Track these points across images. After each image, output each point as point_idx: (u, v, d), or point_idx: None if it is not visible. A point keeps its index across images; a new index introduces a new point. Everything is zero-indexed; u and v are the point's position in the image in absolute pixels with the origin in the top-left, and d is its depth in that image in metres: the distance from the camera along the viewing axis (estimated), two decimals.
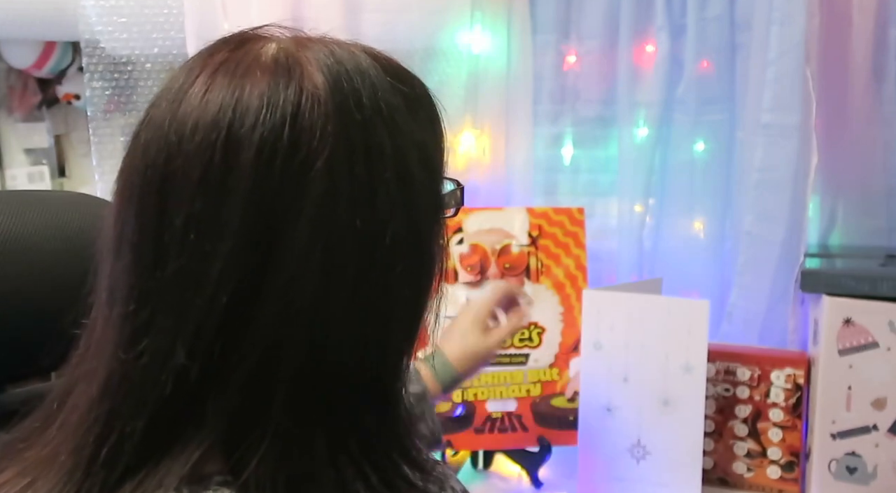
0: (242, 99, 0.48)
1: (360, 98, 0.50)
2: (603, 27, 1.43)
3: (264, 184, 0.48)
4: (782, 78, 1.28)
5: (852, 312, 1.12)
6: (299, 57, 0.51)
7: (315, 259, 0.48)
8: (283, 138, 0.48)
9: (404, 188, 0.51)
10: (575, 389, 1.26)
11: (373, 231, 0.49)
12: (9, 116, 1.51)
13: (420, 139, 0.53)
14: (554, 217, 1.28)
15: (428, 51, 1.38)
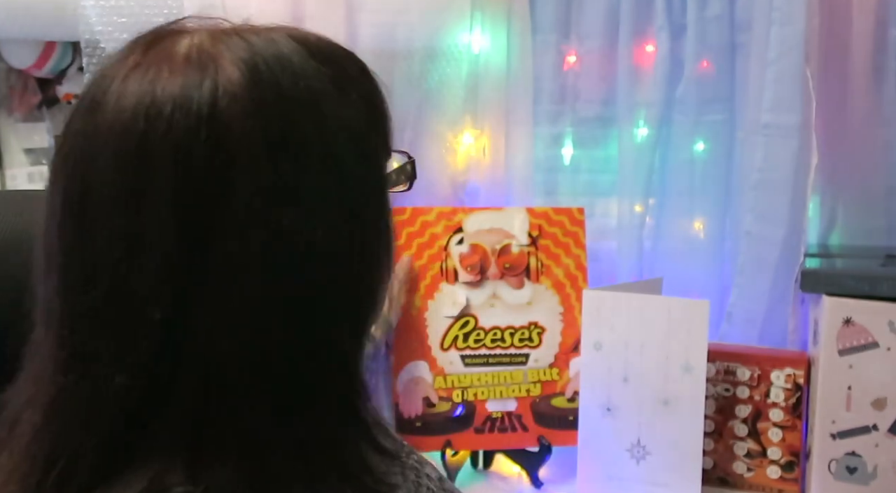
0: (154, 104, 0.46)
1: (279, 89, 0.48)
2: (603, 27, 1.43)
3: (186, 191, 0.45)
4: (782, 78, 1.28)
5: (852, 312, 1.12)
6: (213, 52, 0.49)
7: (248, 262, 0.46)
8: (201, 140, 0.45)
9: (334, 176, 0.49)
10: (575, 389, 1.26)
11: (305, 225, 0.47)
12: (9, 116, 1.51)
13: (350, 122, 0.51)
14: (554, 217, 1.27)
15: (428, 51, 1.38)
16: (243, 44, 0.50)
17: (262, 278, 0.46)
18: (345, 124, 0.50)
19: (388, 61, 1.38)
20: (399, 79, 1.38)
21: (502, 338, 1.24)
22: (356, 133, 0.51)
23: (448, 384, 1.23)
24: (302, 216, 0.47)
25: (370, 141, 0.53)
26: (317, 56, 0.52)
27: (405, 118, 1.38)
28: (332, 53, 0.54)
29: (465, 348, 1.23)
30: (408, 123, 1.38)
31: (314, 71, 0.50)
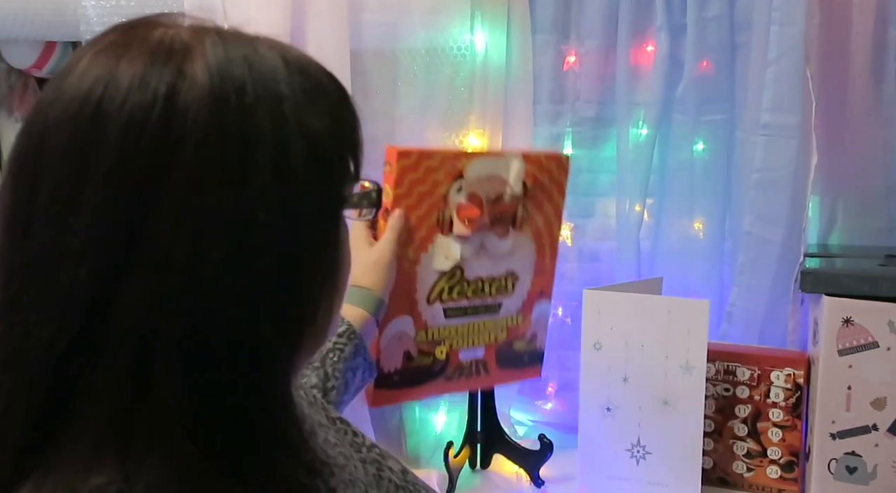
0: (116, 75, 0.48)
1: (243, 85, 0.49)
2: (603, 27, 1.43)
3: (129, 162, 0.46)
4: (782, 78, 1.28)
5: (852, 312, 1.12)
6: (188, 42, 0.50)
7: (180, 242, 0.46)
8: (153, 118, 0.46)
9: (282, 178, 0.49)
10: (533, 331, 1.25)
11: (242, 218, 0.47)
12: (9, 116, 1.51)
13: (312, 131, 0.50)
14: (544, 163, 1.19)
15: (428, 51, 1.38)
16: (220, 41, 0.51)
17: (190, 264, 0.47)
18: (306, 132, 0.50)
19: (390, 61, 1.38)
20: (400, 79, 1.38)
21: (482, 288, 1.18)
22: (316, 142, 0.51)
23: (429, 338, 1.15)
24: (242, 210, 0.47)
25: (330, 154, 0.52)
26: (292, 65, 0.52)
27: (406, 118, 1.38)
28: (310, 67, 0.54)
29: (449, 301, 1.15)
30: (408, 123, 1.38)
31: (285, 77, 0.51)
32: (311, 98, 0.51)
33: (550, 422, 1.51)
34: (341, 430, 0.71)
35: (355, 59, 1.33)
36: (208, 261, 0.47)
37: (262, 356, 0.49)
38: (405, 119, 1.38)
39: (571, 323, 1.50)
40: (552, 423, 1.50)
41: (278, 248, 0.49)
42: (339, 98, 0.55)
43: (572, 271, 1.51)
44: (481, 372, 1.22)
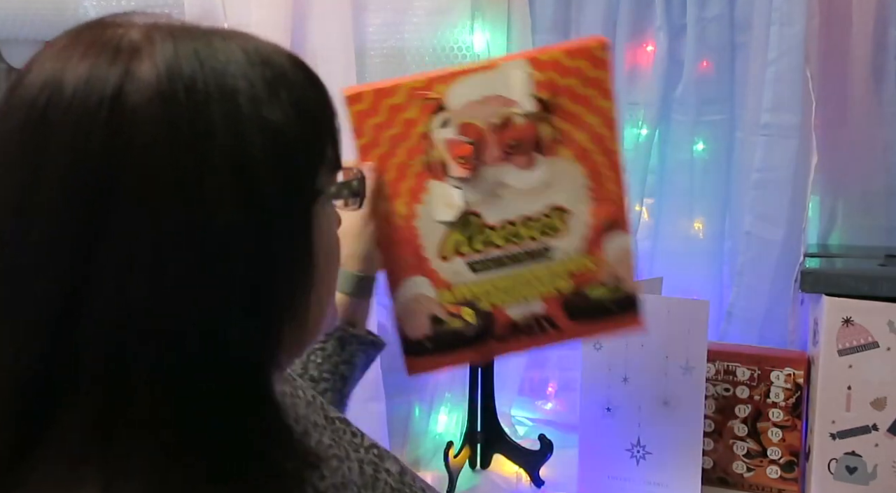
0: (62, 79, 0.46)
1: (193, 81, 0.47)
2: (602, 27, 1.43)
3: (79, 168, 0.45)
4: (782, 78, 1.29)
5: (852, 312, 1.12)
6: (137, 41, 0.48)
7: (141, 248, 0.45)
8: (100, 120, 0.45)
9: (241, 175, 0.47)
10: (617, 273, 0.98)
11: (201, 219, 0.46)
12: None
13: (272, 124, 0.49)
14: (568, 63, 0.94)
15: (429, 51, 1.38)
16: (170, 37, 0.49)
17: (153, 270, 0.46)
18: (265, 125, 0.48)
19: (392, 61, 1.38)
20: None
21: (517, 233, 0.97)
22: (277, 135, 0.49)
23: (458, 297, 0.98)
24: (200, 210, 0.46)
25: (295, 146, 0.50)
26: (253, 57, 0.50)
27: None
28: (273, 57, 0.52)
29: (472, 253, 0.97)
30: None
31: (242, 69, 0.49)
32: (272, 89, 0.50)
33: (550, 422, 1.51)
34: (339, 430, 0.70)
35: (357, 59, 1.34)
36: (172, 265, 0.46)
37: (239, 357, 0.48)
38: None
39: None
40: (552, 423, 1.50)
41: (243, 246, 0.47)
42: (307, 85, 0.53)
43: None
44: (547, 328, 1.00)
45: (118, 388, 0.46)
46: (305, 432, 0.64)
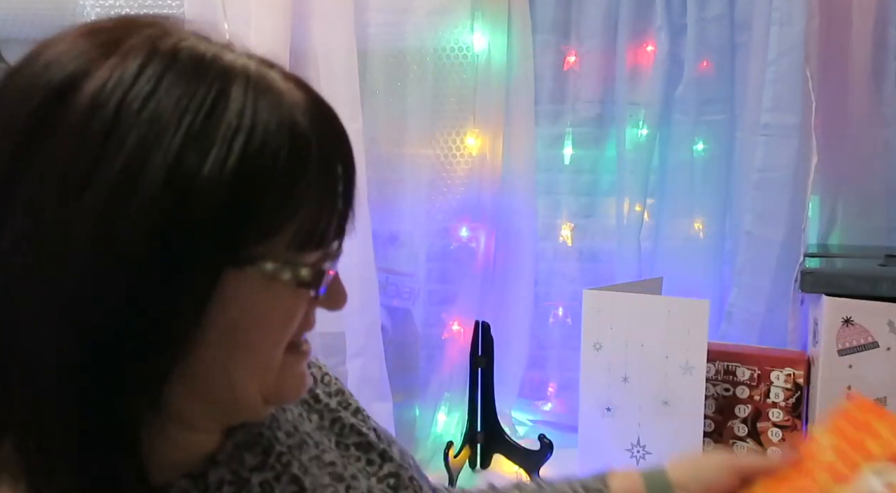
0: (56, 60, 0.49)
1: (130, 101, 0.46)
2: (603, 27, 1.43)
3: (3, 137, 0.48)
4: (782, 78, 1.29)
5: (852, 312, 1.12)
6: (135, 44, 0.49)
7: (14, 237, 0.46)
8: (42, 99, 0.47)
9: (126, 204, 0.45)
10: None
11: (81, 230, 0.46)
12: None
13: (186, 170, 0.46)
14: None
15: (429, 51, 1.38)
16: (157, 56, 0.48)
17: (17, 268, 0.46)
18: (176, 169, 0.46)
19: (393, 62, 1.38)
20: (402, 79, 1.38)
21: None
22: (187, 183, 0.46)
23: None
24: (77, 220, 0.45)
25: (210, 202, 0.46)
26: (185, 76, 0.48)
27: (408, 118, 1.38)
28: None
29: None
30: (410, 124, 1.38)
31: (193, 110, 0.47)
32: (223, 140, 0.47)
33: (550, 422, 1.52)
34: (351, 456, 0.70)
35: (359, 60, 1.34)
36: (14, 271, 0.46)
37: (93, 392, 0.47)
38: (407, 119, 1.38)
39: (571, 323, 1.50)
40: (552, 423, 1.51)
41: (109, 280, 0.46)
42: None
43: (572, 271, 1.52)
44: None
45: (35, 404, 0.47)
46: (299, 445, 0.65)
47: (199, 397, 0.52)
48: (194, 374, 0.50)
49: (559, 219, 1.51)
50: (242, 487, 0.58)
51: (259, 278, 0.50)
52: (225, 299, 0.49)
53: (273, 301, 0.51)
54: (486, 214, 1.43)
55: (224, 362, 0.51)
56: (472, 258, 1.43)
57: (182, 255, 0.46)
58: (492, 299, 1.46)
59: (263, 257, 0.49)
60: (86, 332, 0.46)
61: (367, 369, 1.33)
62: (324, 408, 0.71)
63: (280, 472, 0.61)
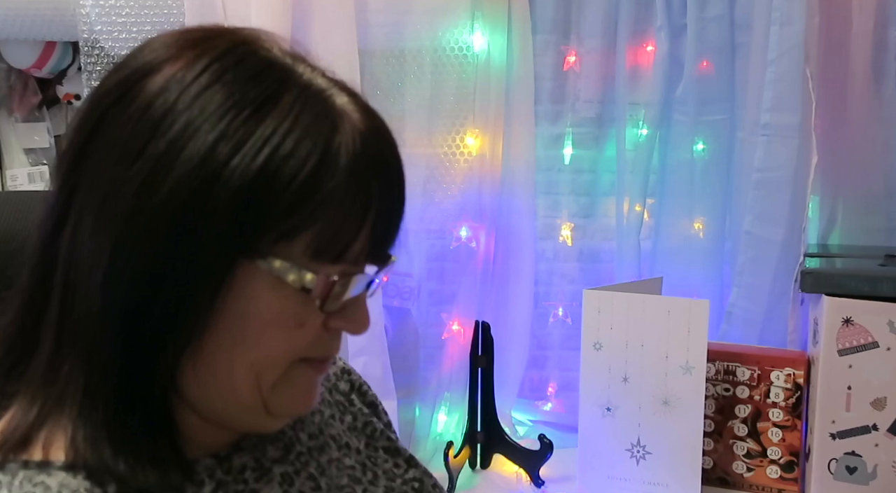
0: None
1: (175, 102, 0.51)
2: (603, 27, 1.43)
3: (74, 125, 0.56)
4: (782, 78, 1.29)
5: (852, 312, 1.12)
6: (202, 48, 0.54)
7: (86, 212, 0.52)
8: (116, 87, 0.54)
9: (161, 186, 0.50)
10: None
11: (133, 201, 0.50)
12: (9, 116, 1.51)
13: (218, 160, 0.50)
14: None
15: (429, 51, 1.38)
16: (217, 57, 0.53)
17: (91, 236, 0.52)
18: (211, 156, 0.50)
19: (393, 61, 1.38)
20: (403, 79, 1.38)
21: None
22: (217, 169, 0.49)
23: None
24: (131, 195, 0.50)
25: (236, 193, 0.49)
26: (238, 82, 0.52)
27: (408, 118, 1.38)
28: (266, 89, 0.52)
29: None
30: (411, 123, 1.38)
31: (233, 110, 0.51)
32: (261, 141, 0.50)
33: (550, 422, 1.52)
34: (379, 458, 0.72)
35: (359, 60, 1.34)
36: (98, 237, 0.51)
37: (134, 349, 0.52)
38: (407, 119, 1.38)
39: (571, 323, 1.50)
40: (552, 423, 1.50)
41: (138, 246, 0.51)
42: (289, 128, 0.51)
43: (572, 271, 1.52)
44: None
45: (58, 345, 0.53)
46: (321, 447, 0.66)
47: (202, 381, 0.54)
48: (202, 356, 0.53)
49: (559, 219, 1.51)
50: (264, 474, 0.61)
51: (268, 276, 0.52)
52: (236, 289, 0.52)
53: (280, 301, 0.53)
54: (486, 214, 1.43)
55: (228, 350, 0.53)
56: (472, 258, 1.43)
57: (201, 235, 0.50)
58: (492, 298, 1.46)
59: (275, 254, 0.52)
60: (118, 292, 0.51)
61: (370, 368, 1.33)
62: (357, 411, 0.73)
63: (298, 469, 0.63)
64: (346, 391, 0.74)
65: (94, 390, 0.52)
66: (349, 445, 0.70)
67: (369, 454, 0.72)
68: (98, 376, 0.52)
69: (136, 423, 0.53)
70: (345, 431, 0.71)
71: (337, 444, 0.68)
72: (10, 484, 0.51)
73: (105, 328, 0.51)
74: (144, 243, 0.50)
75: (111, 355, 0.52)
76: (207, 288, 0.51)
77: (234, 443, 0.61)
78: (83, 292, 0.52)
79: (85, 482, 0.52)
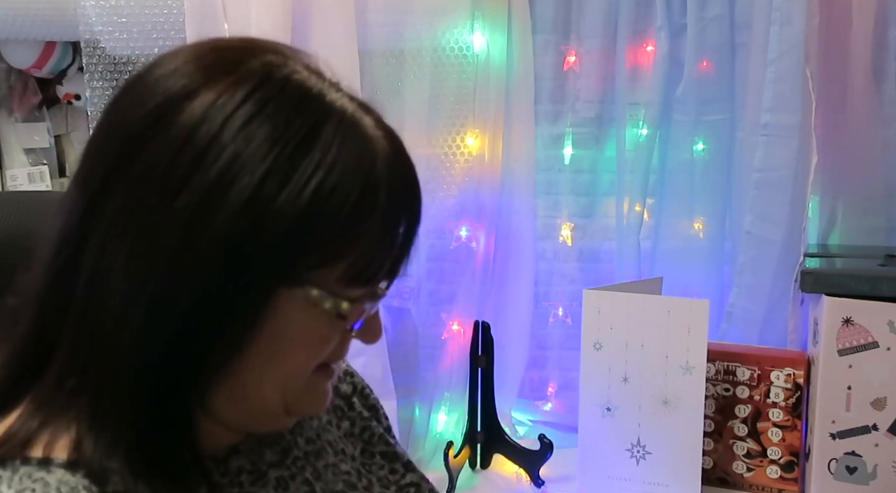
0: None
1: (220, 131, 0.51)
2: (603, 27, 1.43)
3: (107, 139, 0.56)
4: (782, 78, 1.29)
5: (852, 312, 1.12)
6: (252, 70, 0.54)
7: (117, 232, 0.52)
8: (141, 108, 0.53)
9: (205, 215, 0.50)
10: None
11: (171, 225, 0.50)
12: (9, 116, 1.51)
13: (265, 194, 0.50)
14: None
15: (429, 51, 1.38)
16: (271, 86, 0.53)
17: (119, 263, 0.51)
18: (253, 189, 0.50)
19: (393, 61, 1.38)
20: (403, 79, 1.38)
21: None
22: (260, 204, 0.50)
23: None
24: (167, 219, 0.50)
25: (278, 225, 0.50)
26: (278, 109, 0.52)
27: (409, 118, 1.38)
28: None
29: None
30: (411, 123, 1.38)
31: (278, 143, 0.51)
32: (300, 174, 0.51)
33: (550, 422, 1.52)
34: (376, 464, 0.73)
35: (359, 60, 1.34)
36: (128, 260, 0.51)
37: (158, 370, 0.52)
38: (407, 119, 1.38)
39: (571, 323, 1.50)
40: (552, 423, 1.50)
41: (183, 271, 0.51)
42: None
43: (572, 271, 1.52)
44: None
45: (73, 360, 0.54)
46: (317, 452, 0.67)
47: (232, 397, 0.55)
48: (234, 375, 0.54)
49: (559, 219, 1.51)
50: (259, 478, 0.62)
51: (304, 301, 0.54)
52: (273, 313, 0.53)
53: (312, 323, 0.55)
54: (486, 214, 1.43)
55: (260, 369, 0.55)
56: (472, 258, 1.43)
57: (247, 269, 0.51)
58: (492, 298, 1.46)
59: (313, 282, 0.53)
60: (157, 324, 0.51)
61: (370, 368, 1.32)
62: (357, 416, 0.74)
63: (294, 473, 0.64)
64: (348, 394, 0.75)
65: (116, 410, 0.52)
66: (345, 451, 0.70)
67: (364, 460, 0.72)
68: (123, 396, 0.52)
69: (160, 440, 0.53)
70: (341, 437, 0.71)
71: (333, 449, 0.69)
72: (11, 479, 0.51)
73: (140, 356, 0.52)
74: (192, 278, 0.50)
75: (142, 378, 0.52)
76: (249, 315, 0.52)
77: (231, 446, 0.62)
78: (115, 320, 0.51)
79: (84, 479, 0.52)
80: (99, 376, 0.53)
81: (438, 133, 1.40)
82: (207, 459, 0.59)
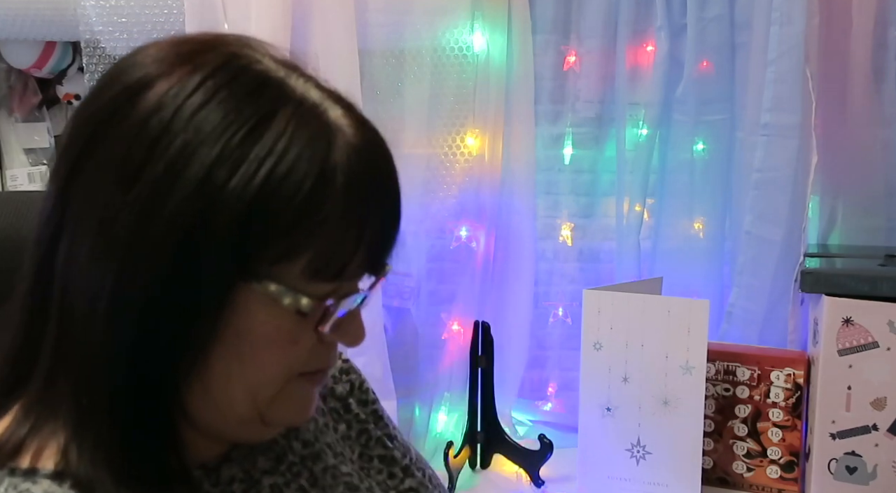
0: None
1: (173, 116, 0.50)
2: (603, 27, 1.43)
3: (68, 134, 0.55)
4: (782, 78, 1.28)
5: (852, 312, 1.12)
6: (205, 60, 0.53)
7: (86, 224, 0.52)
8: (114, 98, 0.53)
9: (161, 204, 0.49)
10: None
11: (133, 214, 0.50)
12: (9, 116, 1.51)
13: (216, 179, 0.49)
14: None
15: (429, 51, 1.38)
16: (229, 74, 0.52)
17: (88, 253, 0.51)
18: (205, 173, 0.49)
19: (393, 61, 1.38)
20: (403, 79, 1.38)
21: None
22: (215, 192, 0.49)
23: None
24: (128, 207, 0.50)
25: (234, 216, 0.49)
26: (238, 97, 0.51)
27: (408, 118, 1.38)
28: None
29: None
30: (411, 123, 1.38)
31: (232, 128, 0.50)
32: (258, 161, 0.49)
33: (550, 422, 1.51)
34: (373, 468, 0.72)
35: (359, 60, 1.34)
36: (95, 251, 0.51)
37: (135, 369, 0.51)
38: (407, 119, 1.38)
39: (571, 323, 1.50)
40: (552, 423, 1.50)
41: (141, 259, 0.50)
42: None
43: (572, 271, 1.52)
44: None
45: (56, 365, 0.53)
46: (315, 455, 0.66)
47: (205, 401, 0.54)
48: (203, 377, 0.53)
49: (559, 219, 1.51)
50: (253, 486, 0.60)
51: (265, 297, 0.52)
52: (234, 309, 0.51)
53: (275, 321, 0.53)
54: (486, 214, 1.43)
55: (227, 369, 0.53)
56: (472, 258, 1.43)
57: (202, 260, 0.49)
58: (492, 299, 1.46)
59: (272, 277, 0.51)
60: (119, 322, 0.50)
61: (370, 368, 1.32)
62: (353, 418, 0.73)
63: (289, 480, 0.62)
64: (344, 395, 0.73)
65: (95, 413, 0.52)
66: (343, 454, 0.69)
67: (363, 464, 0.71)
68: (99, 399, 0.52)
69: (142, 446, 0.52)
70: (338, 440, 0.70)
71: (333, 451, 0.68)
72: None
73: (109, 355, 0.51)
74: (147, 271, 0.49)
75: (114, 378, 0.51)
76: (210, 311, 0.51)
77: (223, 454, 0.60)
78: (83, 318, 0.51)
79: (70, 490, 0.51)
80: (77, 380, 0.52)
81: (438, 133, 1.40)
82: (198, 468, 0.58)
